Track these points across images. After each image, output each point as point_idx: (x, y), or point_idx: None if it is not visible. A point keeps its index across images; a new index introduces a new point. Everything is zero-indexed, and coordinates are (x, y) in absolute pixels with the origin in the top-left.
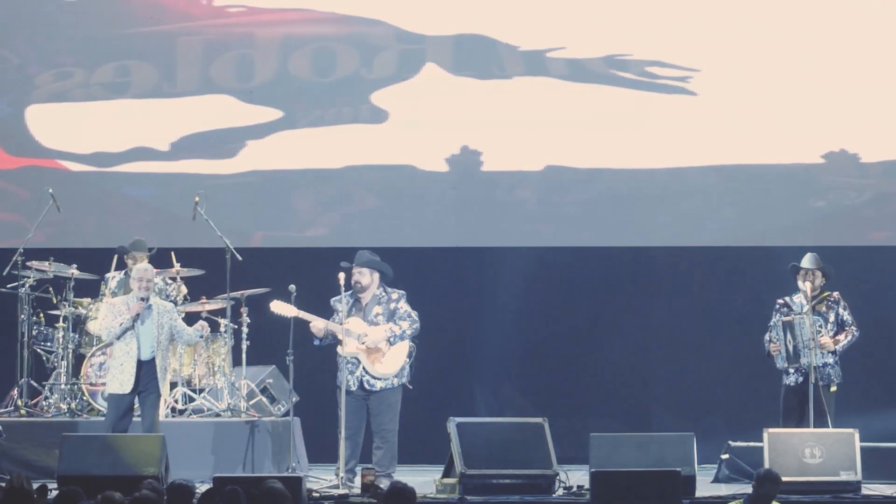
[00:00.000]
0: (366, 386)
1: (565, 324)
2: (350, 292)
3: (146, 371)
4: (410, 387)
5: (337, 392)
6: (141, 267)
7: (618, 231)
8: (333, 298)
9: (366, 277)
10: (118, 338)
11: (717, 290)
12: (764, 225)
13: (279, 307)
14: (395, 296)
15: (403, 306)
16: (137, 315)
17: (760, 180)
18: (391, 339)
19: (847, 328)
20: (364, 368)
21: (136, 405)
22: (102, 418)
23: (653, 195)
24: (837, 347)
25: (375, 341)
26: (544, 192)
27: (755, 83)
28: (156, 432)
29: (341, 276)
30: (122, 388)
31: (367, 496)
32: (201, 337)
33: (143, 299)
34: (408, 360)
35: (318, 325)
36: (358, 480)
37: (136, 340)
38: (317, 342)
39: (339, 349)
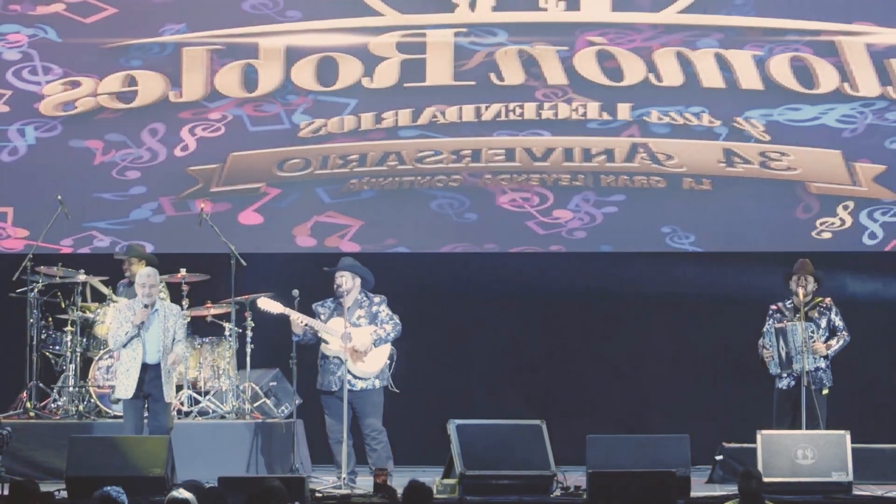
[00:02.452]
0: (347, 386)
1: (563, 328)
2: (333, 299)
3: (152, 375)
4: (397, 391)
5: (323, 397)
6: (143, 272)
7: (614, 237)
8: (315, 303)
9: (347, 281)
10: (124, 346)
11: (711, 294)
12: (758, 231)
13: (266, 304)
14: (376, 299)
15: (385, 310)
16: (142, 322)
17: (755, 187)
18: (375, 342)
19: (839, 333)
20: (344, 364)
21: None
22: (110, 420)
23: (648, 202)
24: (829, 352)
25: (363, 345)
26: (542, 198)
27: (750, 89)
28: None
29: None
30: (127, 393)
31: (380, 496)
32: (172, 364)
33: (146, 306)
34: (388, 361)
35: (296, 319)
36: (359, 481)
37: (143, 346)
38: (296, 338)
39: (322, 348)
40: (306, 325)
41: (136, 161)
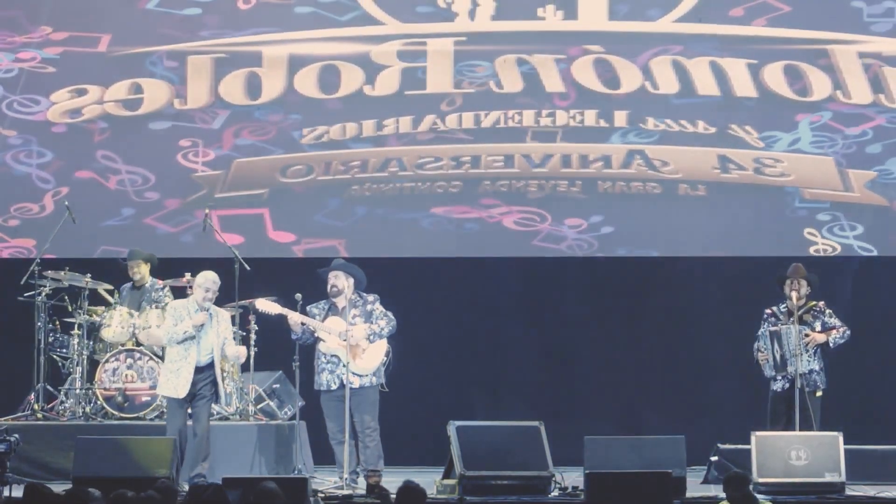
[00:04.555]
0: (345, 383)
1: (560, 331)
2: (326, 300)
3: (204, 376)
4: (387, 389)
5: (322, 398)
6: (209, 277)
7: (611, 241)
8: (309, 305)
9: (341, 280)
10: (178, 343)
11: (706, 298)
12: (752, 236)
13: (264, 305)
14: (370, 298)
15: (379, 307)
16: (202, 324)
17: (749, 193)
18: (371, 337)
19: (837, 328)
20: (344, 366)
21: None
22: (116, 422)
23: (645, 207)
24: (830, 339)
25: (357, 337)
26: (540, 205)
27: (744, 97)
28: (206, 434)
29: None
30: (177, 393)
31: (373, 497)
32: (238, 359)
33: (205, 309)
34: (385, 358)
35: (294, 318)
36: (360, 481)
37: (196, 346)
38: (294, 337)
39: (320, 346)
40: (304, 324)
41: (140, 168)
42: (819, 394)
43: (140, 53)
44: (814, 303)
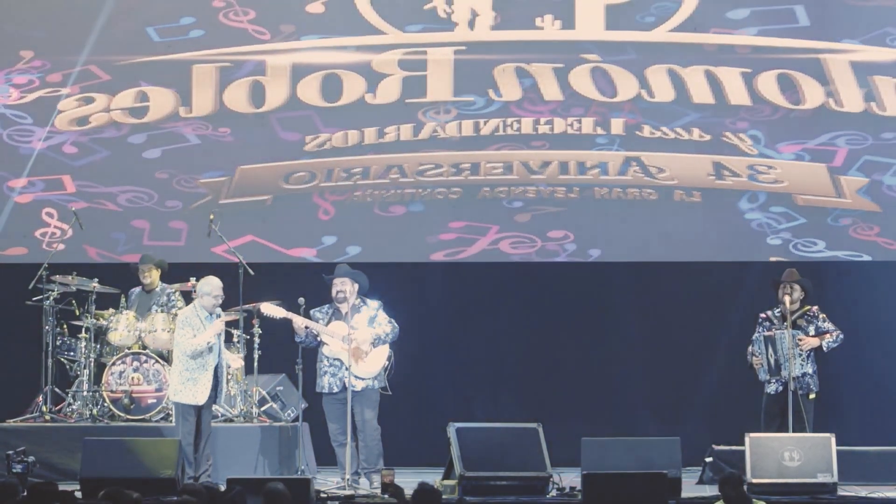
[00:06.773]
0: (347, 386)
1: (559, 334)
2: (329, 304)
3: (215, 382)
4: (390, 393)
5: (324, 400)
6: (216, 284)
7: (609, 246)
8: (313, 310)
9: (347, 286)
10: (200, 353)
11: (702, 302)
12: (747, 241)
13: (269, 309)
14: (374, 304)
15: (382, 314)
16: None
17: (743, 199)
18: (374, 342)
19: (830, 332)
20: (346, 369)
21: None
22: (123, 423)
23: (642, 213)
24: (823, 343)
25: (361, 341)
26: (538, 209)
27: (738, 105)
28: (210, 433)
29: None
30: (196, 400)
31: (388, 495)
32: (228, 367)
33: (218, 315)
34: (386, 363)
35: (298, 322)
36: (362, 482)
37: (209, 353)
38: (298, 339)
39: (323, 349)
40: (307, 327)
41: (144, 178)
42: (812, 396)
43: (145, 62)
44: (808, 307)
